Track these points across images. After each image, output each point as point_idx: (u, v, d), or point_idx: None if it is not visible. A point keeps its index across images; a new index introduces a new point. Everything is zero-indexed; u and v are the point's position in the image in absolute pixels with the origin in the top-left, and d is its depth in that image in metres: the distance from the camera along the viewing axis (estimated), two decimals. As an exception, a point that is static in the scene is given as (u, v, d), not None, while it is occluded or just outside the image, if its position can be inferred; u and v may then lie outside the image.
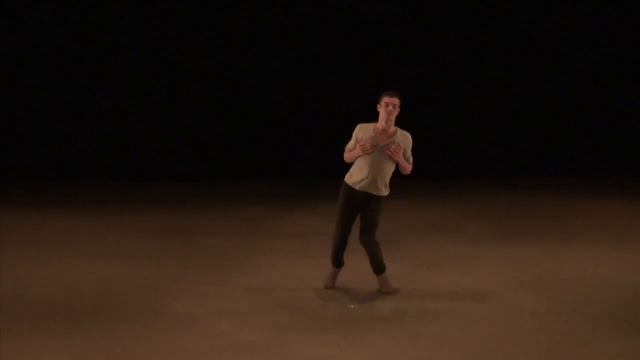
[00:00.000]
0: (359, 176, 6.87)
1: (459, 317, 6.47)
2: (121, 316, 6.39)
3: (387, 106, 6.79)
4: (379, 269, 7.09)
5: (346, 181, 6.96)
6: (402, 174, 6.99)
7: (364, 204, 6.90)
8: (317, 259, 7.90)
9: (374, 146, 6.79)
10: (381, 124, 6.83)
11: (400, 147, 6.80)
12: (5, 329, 6.02)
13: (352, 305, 6.76)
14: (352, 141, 6.93)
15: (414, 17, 13.48)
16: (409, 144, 6.91)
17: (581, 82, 13.79)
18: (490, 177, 13.47)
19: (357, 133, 6.90)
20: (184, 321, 6.29)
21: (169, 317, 6.38)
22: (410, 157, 6.94)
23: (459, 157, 13.74)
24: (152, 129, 13.35)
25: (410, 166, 6.94)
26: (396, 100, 6.81)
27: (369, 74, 13.11)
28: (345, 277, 7.25)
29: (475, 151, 13.74)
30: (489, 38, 13.65)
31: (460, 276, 7.67)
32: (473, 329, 6.16)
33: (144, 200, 11.61)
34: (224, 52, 13.40)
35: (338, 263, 7.15)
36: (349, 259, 7.20)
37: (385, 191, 6.92)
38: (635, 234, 9.60)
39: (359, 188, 6.87)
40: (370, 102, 6.97)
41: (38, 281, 7.36)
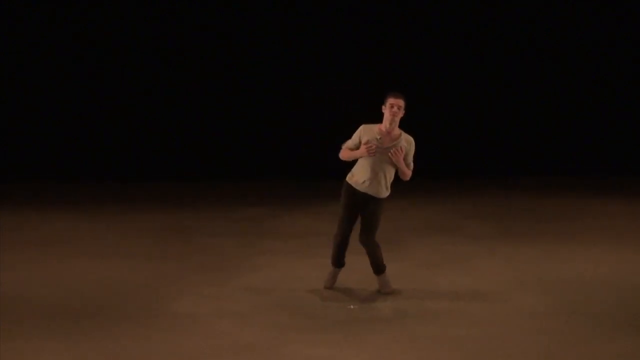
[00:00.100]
0: (360, 177, 6.88)
1: (459, 317, 6.47)
2: (121, 316, 6.39)
3: (392, 107, 6.78)
4: (378, 269, 7.10)
5: (348, 181, 6.97)
6: (401, 179, 7.00)
7: (364, 205, 6.91)
8: (317, 259, 7.90)
9: (377, 147, 6.79)
10: (385, 125, 6.83)
11: (401, 151, 6.80)
12: (5, 329, 6.02)
13: (352, 306, 6.77)
14: (353, 141, 6.92)
15: (414, 17, 13.48)
16: (411, 149, 6.91)
17: (581, 82, 13.79)
18: (490, 177, 13.47)
19: (360, 133, 6.89)
20: (184, 321, 6.29)
21: (169, 317, 6.38)
22: (411, 163, 6.94)
23: (459, 157, 13.73)
24: (152, 129, 13.35)
25: (409, 172, 6.93)
26: (401, 102, 6.81)
27: (369, 74, 13.11)
28: (345, 277, 7.25)
29: (475, 151, 13.74)
30: (489, 38, 13.65)
31: (460, 276, 7.68)
32: (473, 329, 6.16)
33: (144, 200, 11.61)
34: (224, 52, 13.39)
35: (338, 263, 7.16)
36: (349, 259, 7.19)
37: (385, 193, 6.92)
38: (635, 234, 9.60)
39: (360, 189, 6.88)
40: (370, 102, 6.97)
41: (38, 281, 7.36)
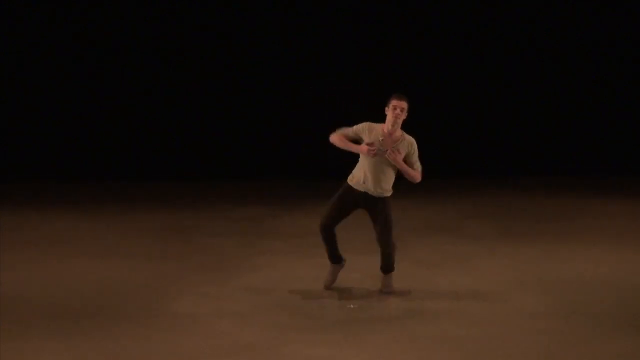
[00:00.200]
0: (360, 178, 6.90)
1: (459, 317, 6.47)
2: (121, 316, 6.39)
3: (395, 109, 6.78)
4: (387, 269, 7.08)
5: (349, 182, 6.99)
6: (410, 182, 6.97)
7: (364, 205, 6.91)
8: (317, 259, 7.88)
9: (378, 150, 6.79)
10: (387, 126, 6.83)
11: (398, 153, 6.79)
12: (5, 329, 6.01)
13: (352, 305, 6.77)
14: (353, 132, 6.89)
15: (413, 17, 13.47)
16: (413, 150, 6.89)
17: (581, 82, 13.77)
18: (490, 177, 13.46)
19: (364, 130, 6.88)
20: (184, 321, 6.29)
21: (169, 317, 6.38)
22: (416, 163, 6.92)
23: (459, 157, 13.72)
24: (152, 129, 13.34)
25: (416, 173, 6.91)
26: (404, 104, 6.80)
27: (369, 74, 13.10)
28: (345, 277, 7.25)
29: (475, 151, 13.73)
30: (489, 38, 13.64)
31: (460, 276, 7.67)
32: (473, 329, 6.16)
33: (144, 200, 11.61)
34: (224, 52, 13.38)
35: (335, 258, 7.11)
36: (349, 259, 7.19)
37: (388, 192, 6.93)
38: (635, 234, 9.60)
39: (360, 189, 6.89)
40: (370, 102, 6.96)
41: (38, 281, 7.36)
